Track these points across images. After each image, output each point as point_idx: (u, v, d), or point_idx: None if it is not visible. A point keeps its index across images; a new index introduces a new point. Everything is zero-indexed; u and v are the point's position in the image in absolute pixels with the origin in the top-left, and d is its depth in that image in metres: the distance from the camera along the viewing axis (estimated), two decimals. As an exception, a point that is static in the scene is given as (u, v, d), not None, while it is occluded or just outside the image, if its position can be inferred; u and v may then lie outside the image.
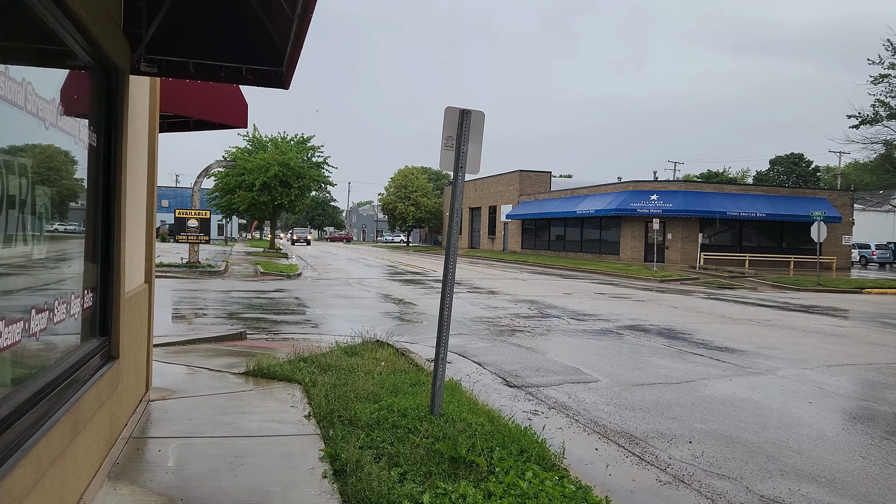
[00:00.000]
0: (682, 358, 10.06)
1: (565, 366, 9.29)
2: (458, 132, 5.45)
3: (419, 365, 8.45)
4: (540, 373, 8.80)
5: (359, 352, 9.14)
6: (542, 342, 11.28)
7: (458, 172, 5.46)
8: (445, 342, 5.69)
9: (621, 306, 17.15)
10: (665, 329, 13.11)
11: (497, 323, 13.55)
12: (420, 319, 13.91)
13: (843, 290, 26.49)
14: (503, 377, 8.54)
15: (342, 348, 9.23)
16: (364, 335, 10.53)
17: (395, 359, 8.75)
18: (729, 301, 19.86)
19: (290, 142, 43.79)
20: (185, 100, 5.94)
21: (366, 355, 8.93)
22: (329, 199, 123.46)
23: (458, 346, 10.84)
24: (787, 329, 13.67)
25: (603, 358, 9.94)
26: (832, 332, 13.50)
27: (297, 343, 10.50)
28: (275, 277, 24.93)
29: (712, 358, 10.13)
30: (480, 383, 8.12)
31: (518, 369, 9.01)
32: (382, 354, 9.01)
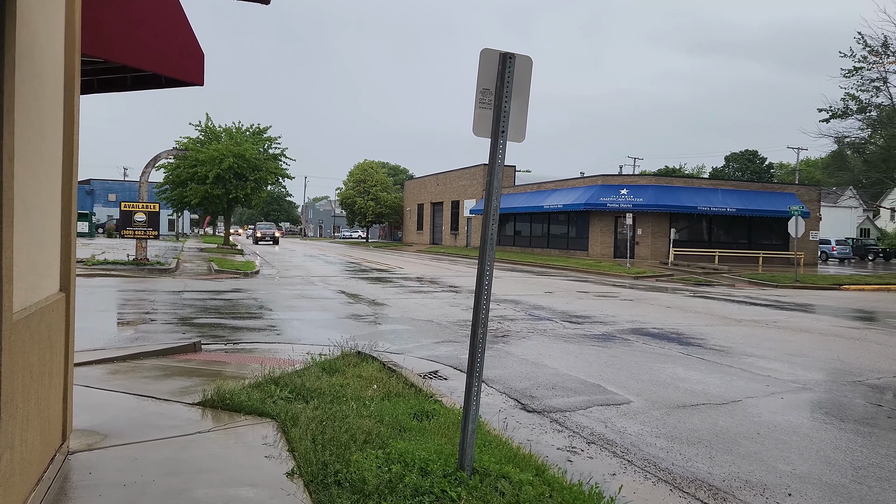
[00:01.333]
0: (709, 369, 8.80)
1: (583, 382, 7.91)
2: (497, 84, 3.99)
3: (415, 385, 6.97)
4: (558, 392, 7.41)
5: (339, 368, 7.62)
6: (543, 350, 9.91)
7: (499, 139, 4.00)
8: (479, 373, 4.25)
9: (612, 306, 15.91)
10: (672, 333, 11.88)
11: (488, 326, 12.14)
12: (398, 323, 12.41)
13: (821, 287, 25.87)
14: (516, 398, 7.12)
15: (319, 364, 7.70)
16: (340, 345, 9.02)
17: (385, 377, 7.26)
18: (719, 300, 18.84)
19: (246, 132, 41.64)
20: (118, 42, 4.33)
21: (348, 372, 7.42)
22: (285, 193, 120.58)
23: (449, 356, 9.39)
24: (801, 332, 12.59)
25: (621, 370, 8.59)
26: (851, 335, 12.46)
27: (263, 356, 8.91)
28: (231, 275, 23.08)
29: (742, 368, 8.88)
30: (492, 407, 6.68)
31: (530, 387, 7.60)
32: (368, 371, 7.50)
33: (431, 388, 6.86)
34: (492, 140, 4.02)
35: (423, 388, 6.77)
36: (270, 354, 9.12)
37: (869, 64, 31.62)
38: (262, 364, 8.31)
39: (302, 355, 9.04)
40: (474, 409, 4.18)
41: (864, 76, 32.17)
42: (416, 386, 6.91)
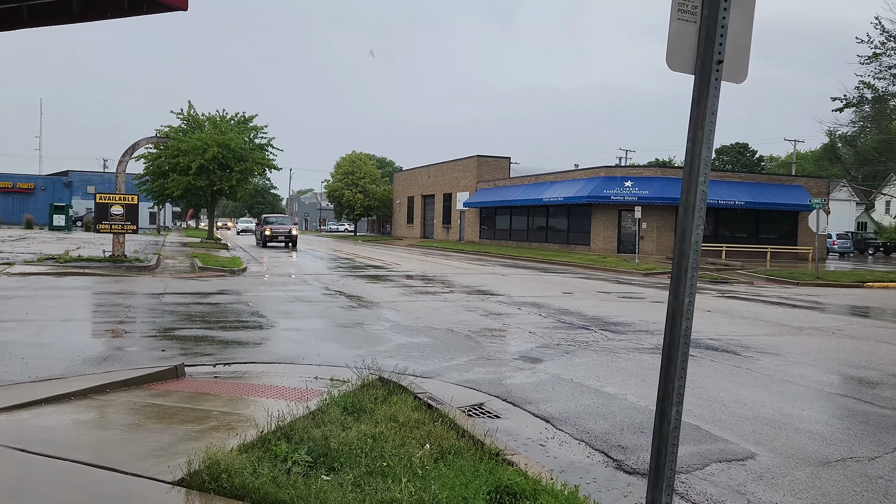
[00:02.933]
0: (816, 399, 7.15)
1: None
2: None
3: (471, 434, 5.24)
4: (650, 437, 5.71)
5: (364, 405, 5.90)
6: (598, 370, 8.22)
7: (713, 69, 2.27)
8: (668, 488, 2.51)
9: (645, 310, 14.27)
10: (734, 345, 10.25)
11: (514, 338, 10.44)
12: (413, 334, 10.68)
13: (844, 285, 24.43)
14: (602, 450, 5.42)
15: (337, 400, 5.96)
16: (356, 367, 7.31)
17: (426, 420, 5.56)
18: (753, 300, 17.26)
19: (231, 121, 39.57)
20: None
21: (378, 413, 5.71)
22: (269, 186, 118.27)
23: (489, 380, 7.68)
24: (882, 343, 11.01)
25: (712, 402, 6.92)
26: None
27: (262, 382, 7.16)
28: (216, 273, 21.21)
29: (857, 398, 7.25)
30: (576, 467, 4.99)
31: (611, 430, 5.91)
32: (402, 410, 5.79)
33: (495, 440, 5.13)
34: (700, 70, 2.28)
35: (484, 441, 5.04)
36: (270, 380, 7.36)
37: (888, 50, 30.20)
38: (261, 397, 6.56)
39: (310, 381, 7.31)
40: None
41: (883, 63, 30.74)
42: (474, 436, 5.18)
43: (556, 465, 5.01)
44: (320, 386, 7.18)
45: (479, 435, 5.18)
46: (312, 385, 7.18)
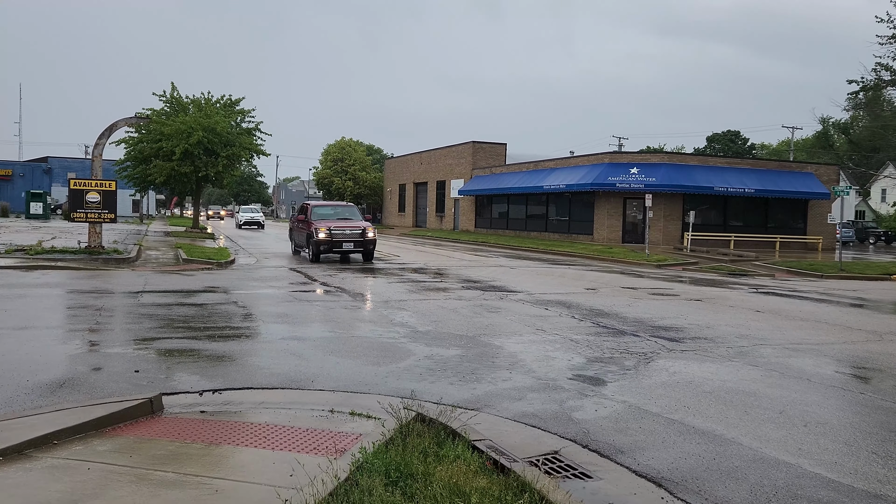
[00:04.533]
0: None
1: (843, 488, 4.62)
2: None
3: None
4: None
5: (415, 469, 4.30)
6: (682, 397, 6.62)
7: None
8: None
9: (688, 311, 12.70)
10: (858, 366, 8.69)
11: (557, 348, 8.82)
12: (436, 344, 9.03)
13: (870, 277, 23.06)
14: (761, 540, 3.81)
15: (377, 464, 4.33)
16: (381, 393, 5.70)
17: (501, 490, 3.95)
18: (796, 297, 15.75)
19: (216, 104, 37.54)
20: None
21: (434, 479, 4.10)
22: (256, 173, 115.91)
23: (553, 414, 6.06)
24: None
25: (887, 459, 5.33)
26: None
27: (264, 421, 5.50)
28: (202, 266, 19.44)
29: None
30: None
31: (756, 501, 4.30)
32: (466, 476, 4.17)
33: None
34: None
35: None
36: (274, 417, 5.69)
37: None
38: (266, 448, 4.91)
39: (326, 418, 5.65)
40: None
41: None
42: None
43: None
44: (341, 425, 5.53)
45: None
46: (330, 424, 5.53)
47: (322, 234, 21.08)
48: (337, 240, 21.27)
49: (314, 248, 21.36)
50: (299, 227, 23.81)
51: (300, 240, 23.78)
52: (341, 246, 21.43)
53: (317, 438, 5.17)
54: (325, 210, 23.67)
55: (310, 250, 21.84)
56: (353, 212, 23.85)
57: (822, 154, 72.48)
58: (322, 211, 23.45)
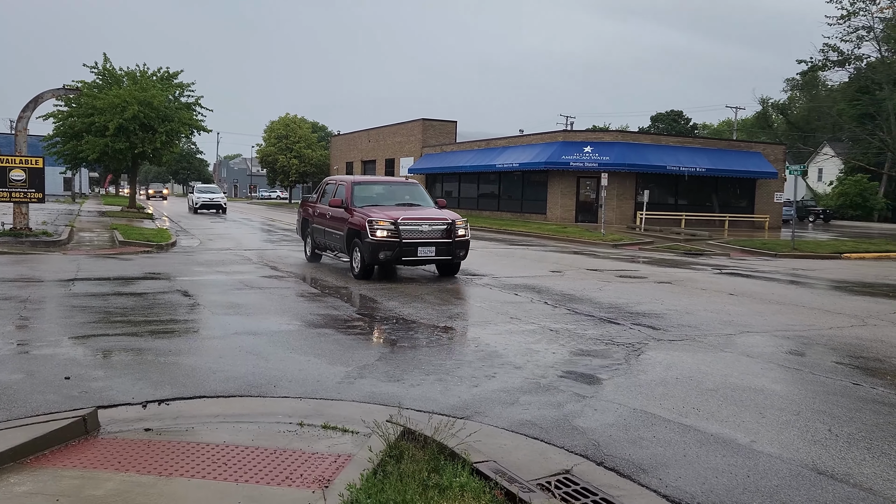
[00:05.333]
0: None
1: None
2: None
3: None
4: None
5: (409, 500, 3.53)
6: (688, 397, 6.05)
7: None
8: None
9: (663, 295, 12.25)
10: (856, 355, 8.27)
11: (538, 340, 8.16)
12: (403, 337, 8.27)
13: (822, 256, 23.27)
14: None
15: (359, 496, 3.56)
16: (366, 416, 4.95)
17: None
18: (762, 278, 15.53)
19: (153, 77, 35.53)
20: None
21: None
22: (195, 150, 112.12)
23: (554, 420, 5.39)
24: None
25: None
26: None
27: (224, 442, 4.65)
28: (141, 249, 18.16)
29: None
30: None
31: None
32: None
33: None
34: None
35: None
36: (234, 435, 4.85)
37: (858, 11, 29.01)
38: (227, 480, 4.09)
39: (295, 434, 4.85)
40: None
41: (851, 25, 29.56)
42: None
43: None
44: (315, 442, 4.73)
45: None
46: (302, 443, 4.72)
47: (382, 232, 12.40)
48: (410, 240, 12.54)
49: (370, 256, 12.46)
50: (325, 217, 14.79)
51: (327, 240, 14.79)
52: (416, 252, 12.63)
53: (288, 463, 4.36)
54: (374, 189, 14.72)
55: (358, 258, 12.89)
56: (418, 192, 14.92)
57: (762, 134, 74.05)
58: (370, 190, 14.51)
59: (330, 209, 14.45)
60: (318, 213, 15.40)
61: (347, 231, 13.37)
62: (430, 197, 14.98)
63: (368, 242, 12.45)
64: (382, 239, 12.41)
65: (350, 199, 13.79)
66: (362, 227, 12.65)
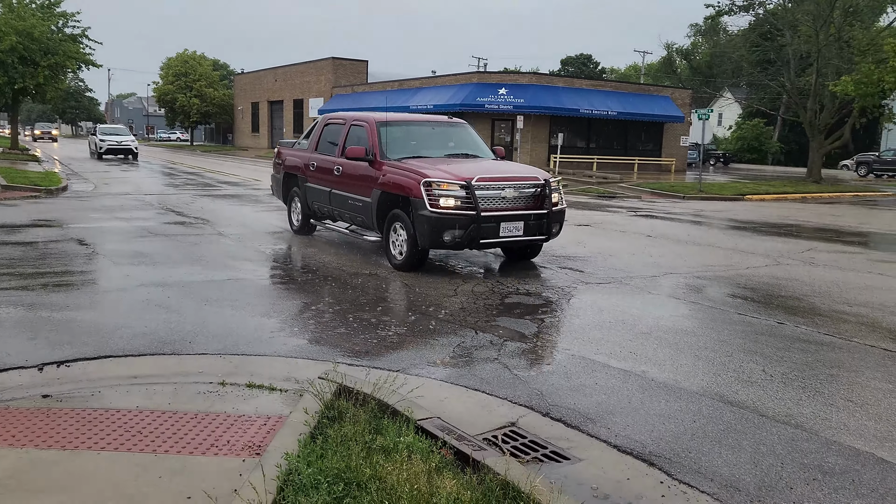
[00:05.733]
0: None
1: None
2: None
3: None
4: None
5: (361, 474, 3.23)
6: (648, 351, 5.97)
7: None
8: None
9: (589, 239, 12.26)
10: (773, 294, 8.43)
11: (469, 283, 7.93)
12: (328, 281, 7.86)
13: (727, 198, 24.19)
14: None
15: (309, 469, 3.23)
16: (293, 372, 4.59)
17: (483, 497, 3.01)
18: (676, 220, 15.87)
19: (31, 4, 32.32)
20: None
21: (394, 489, 3.07)
22: (84, 88, 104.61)
23: (488, 369, 5.18)
24: None
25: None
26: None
27: (137, 407, 4.18)
28: (27, 194, 16.70)
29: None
30: None
31: (766, 476, 3.66)
32: (430, 477, 3.19)
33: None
34: None
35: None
36: (150, 399, 4.38)
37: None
38: (145, 450, 3.66)
39: (218, 394, 4.43)
40: None
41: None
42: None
43: None
44: (240, 403, 4.33)
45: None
46: (226, 404, 4.31)
47: (449, 200, 8.15)
48: (490, 212, 8.30)
49: (430, 236, 8.18)
50: (332, 174, 10.18)
51: (336, 207, 10.22)
52: (498, 231, 8.38)
53: (212, 428, 3.95)
54: (412, 132, 10.06)
55: (404, 239, 8.58)
56: (470, 137, 10.39)
57: (666, 79, 75.84)
58: (407, 134, 9.88)
59: (341, 162, 9.84)
60: (316, 167, 10.59)
61: (380, 197, 8.93)
62: (479, 137, 10.59)
63: (427, 216, 8.04)
64: (449, 211, 8.02)
65: (378, 146, 9.17)
66: (412, 192, 8.25)
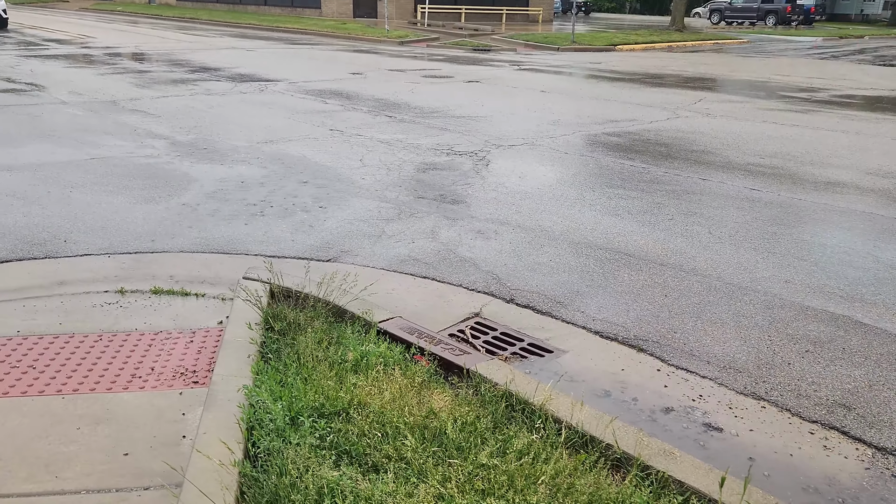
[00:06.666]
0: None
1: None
2: None
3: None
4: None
5: (340, 403, 2.67)
6: (597, 221, 5.62)
7: None
8: None
9: (485, 97, 11.64)
10: (690, 150, 8.25)
11: (372, 154, 7.21)
12: (214, 159, 6.89)
13: (599, 49, 24.11)
14: (825, 420, 3.00)
15: (281, 411, 2.63)
16: (206, 269, 3.90)
17: (511, 432, 2.59)
18: (570, 75, 15.48)
19: None
20: None
21: (392, 424, 2.56)
22: None
23: (437, 254, 4.68)
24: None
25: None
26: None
27: (20, 340, 3.33)
28: None
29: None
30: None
31: (759, 353, 3.48)
32: (419, 396, 2.73)
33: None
34: None
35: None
36: (30, 320, 3.58)
37: None
38: (44, 392, 2.91)
39: (122, 312, 3.65)
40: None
41: None
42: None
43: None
44: (152, 317, 3.58)
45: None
46: (132, 319, 3.56)
47: None
48: None
49: None
50: None
51: None
52: None
53: (126, 352, 3.20)
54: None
55: None
56: None
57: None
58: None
59: None
60: None
61: None
62: None
63: None
64: None
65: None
66: None
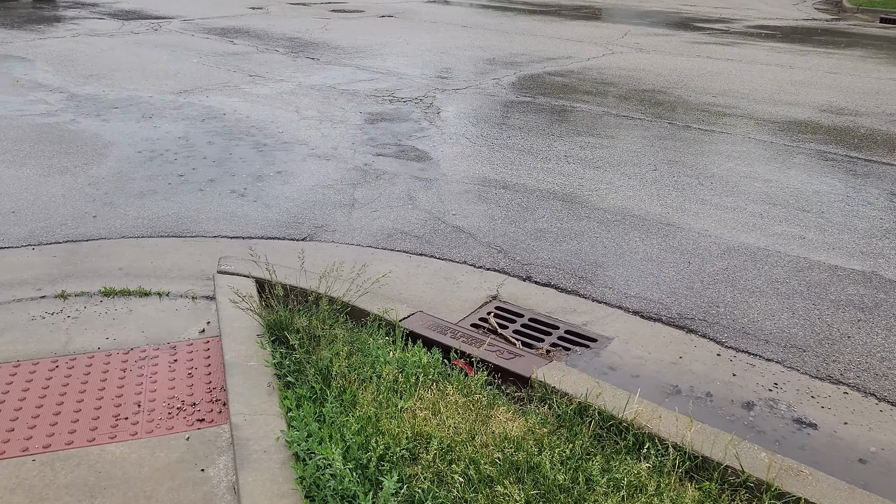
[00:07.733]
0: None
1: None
2: None
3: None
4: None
5: (397, 436, 2.15)
6: (582, 176, 5.17)
7: None
8: None
9: (411, 35, 10.86)
10: (648, 90, 7.88)
11: (313, 104, 6.47)
12: (129, 116, 5.94)
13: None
14: None
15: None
16: (161, 258, 3.23)
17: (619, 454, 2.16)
18: (484, 7, 14.78)
19: None
20: None
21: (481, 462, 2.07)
22: None
23: (419, 223, 4.21)
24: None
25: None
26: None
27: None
28: None
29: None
30: None
31: (821, 333, 3.22)
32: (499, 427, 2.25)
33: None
34: None
35: None
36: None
37: None
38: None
39: (70, 325, 2.94)
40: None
41: None
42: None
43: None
44: (112, 328, 2.91)
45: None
46: (88, 334, 2.86)
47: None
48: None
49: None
50: None
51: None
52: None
53: (96, 382, 2.52)
54: None
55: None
56: None
57: None
58: None
59: None
60: None
61: None
62: None
63: None
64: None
65: None
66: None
